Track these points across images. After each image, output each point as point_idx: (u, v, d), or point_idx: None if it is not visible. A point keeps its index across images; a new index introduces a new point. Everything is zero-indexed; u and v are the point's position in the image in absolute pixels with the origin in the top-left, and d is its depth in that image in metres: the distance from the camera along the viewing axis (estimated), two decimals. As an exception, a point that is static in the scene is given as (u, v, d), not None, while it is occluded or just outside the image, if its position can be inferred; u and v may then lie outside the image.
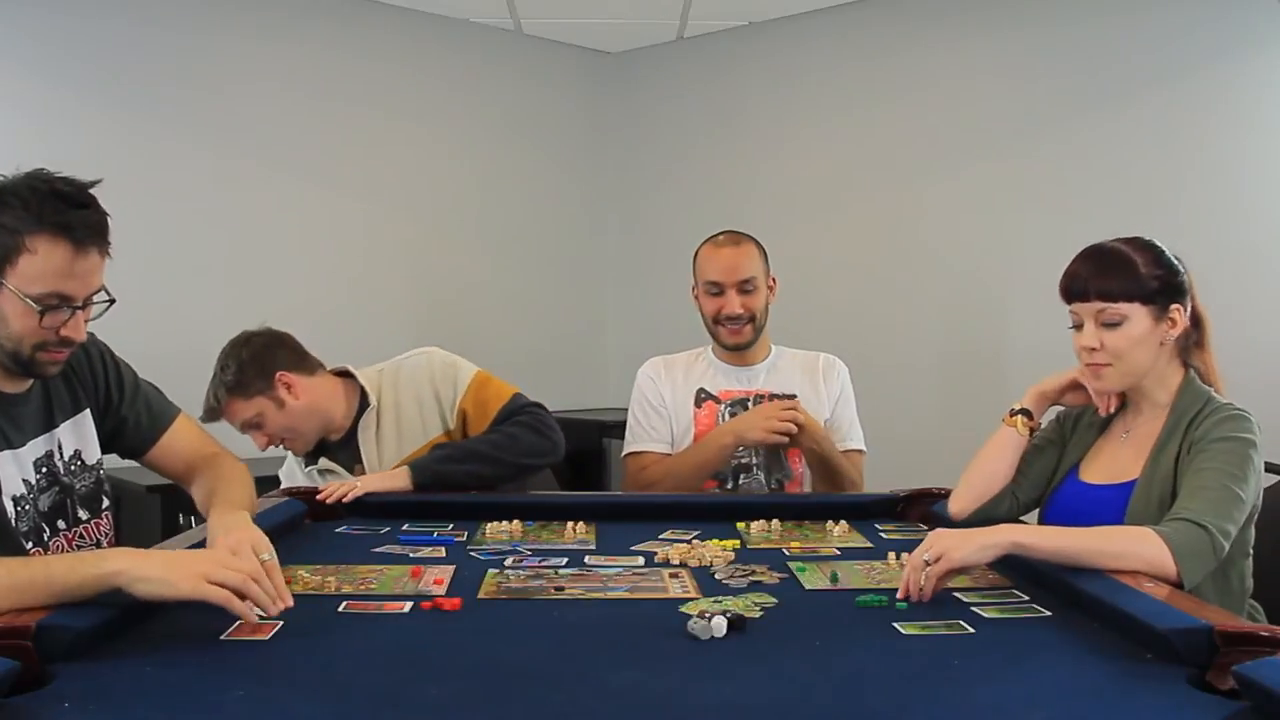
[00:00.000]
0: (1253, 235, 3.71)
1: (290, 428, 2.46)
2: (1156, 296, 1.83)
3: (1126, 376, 1.88)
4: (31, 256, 1.61)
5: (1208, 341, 1.93)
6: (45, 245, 1.61)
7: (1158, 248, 1.88)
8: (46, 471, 1.80)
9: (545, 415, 2.49)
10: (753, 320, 2.63)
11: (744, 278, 2.60)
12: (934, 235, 4.38)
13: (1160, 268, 1.85)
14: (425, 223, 4.68)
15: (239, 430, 2.47)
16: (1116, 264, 1.85)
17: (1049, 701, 1.18)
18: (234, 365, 2.43)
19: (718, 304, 2.62)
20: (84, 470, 1.88)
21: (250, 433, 2.46)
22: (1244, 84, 3.77)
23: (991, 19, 4.24)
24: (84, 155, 3.82)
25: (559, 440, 2.48)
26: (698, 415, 2.66)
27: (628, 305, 5.24)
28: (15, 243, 1.61)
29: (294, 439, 2.49)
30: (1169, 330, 1.85)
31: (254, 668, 1.27)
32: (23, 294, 1.62)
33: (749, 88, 4.85)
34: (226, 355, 2.45)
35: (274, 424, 2.44)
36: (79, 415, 1.88)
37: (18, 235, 1.61)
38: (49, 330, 1.66)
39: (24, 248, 1.61)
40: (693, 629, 1.38)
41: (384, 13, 4.55)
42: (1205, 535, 1.62)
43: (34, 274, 1.62)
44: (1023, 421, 2.02)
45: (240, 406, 2.43)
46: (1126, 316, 1.83)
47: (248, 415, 2.43)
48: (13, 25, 3.76)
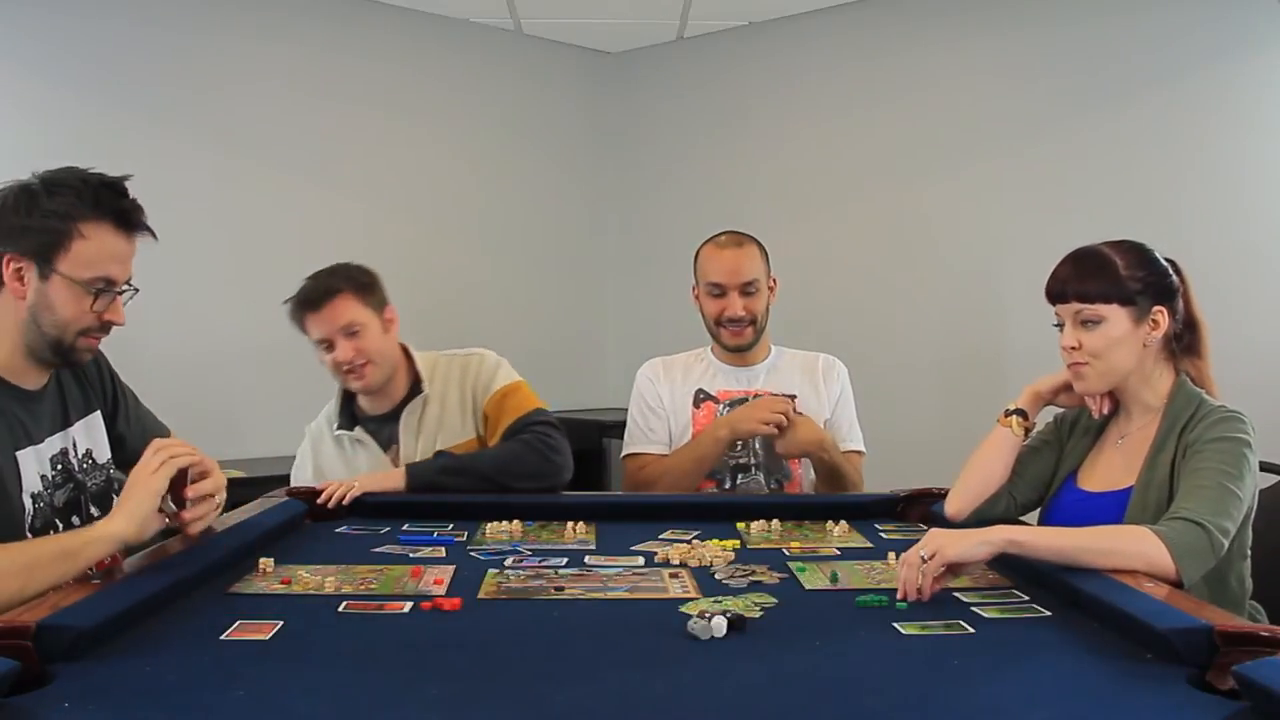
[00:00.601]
0: (1252, 235, 3.71)
1: (381, 352, 2.43)
2: (1137, 298, 1.84)
3: (1106, 376, 1.89)
4: (84, 242, 1.70)
5: (1204, 348, 1.92)
6: (97, 231, 1.71)
7: (1144, 250, 1.89)
8: (61, 468, 1.82)
9: (555, 437, 2.43)
10: (754, 322, 2.63)
11: (746, 280, 2.60)
12: (933, 235, 4.38)
13: (1142, 269, 1.85)
14: (425, 223, 4.68)
15: (325, 333, 2.40)
16: (1096, 266, 1.86)
17: (1049, 701, 1.18)
18: (366, 272, 2.43)
19: (720, 306, 2.62)
20: (95, 469, 1.90)
21: (339, 341, 2.40)
22: (1244, 84, 3.77)
23: (992, 19, 4.24)
24: (84, 155, 3.83)
25: (564, 464, 2.43)
26: (696, 415, 2.66)
27: (628, 305, 5.23)
28: (68, 229, 1.69)
29: (374, 369, 2.43)
30: (1150, 332, 1.85)
31: (254, 668, 1.27)
32: (75, 279, 1.69)
33: (749, 88, 4.85)
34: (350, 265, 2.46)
35: (370, 342, 2.41)
36: (90, 415, 1.91)
37: (70, 222, 1.69)
38: (94, 315, 1.73)
39: (77, 233, 1.69)
40: (693, 629, 1.38)
41: (384, 13, 4.55)
42: (1203, 533, 1.63)
43: (86, 259, 1.70)
44: (1018, 422, 2.02)
45: (355, 307, 2.41)
46: (1104, 317, 1.84)
47: (357, 318, 2.40)
48: (13, 25, 3.76)
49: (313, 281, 2.46)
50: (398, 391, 2.51)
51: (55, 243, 1.69)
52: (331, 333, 2.41)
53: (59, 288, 1.70)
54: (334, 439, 2.53)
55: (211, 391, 4.03)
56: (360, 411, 2.55)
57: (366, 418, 2.54)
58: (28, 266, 1.70)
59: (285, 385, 4.04)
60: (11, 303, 1.71)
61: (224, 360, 4.08)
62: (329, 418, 2.57)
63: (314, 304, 2.41)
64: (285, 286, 4.36)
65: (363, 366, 2.42)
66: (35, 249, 1.69)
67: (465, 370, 2.54)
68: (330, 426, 2.55)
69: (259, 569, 1.73)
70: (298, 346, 2.56)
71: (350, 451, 2.51)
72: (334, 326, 2.40)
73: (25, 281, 1.70)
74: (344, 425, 2.53)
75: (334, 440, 2.53)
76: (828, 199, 4.65)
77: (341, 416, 2.54)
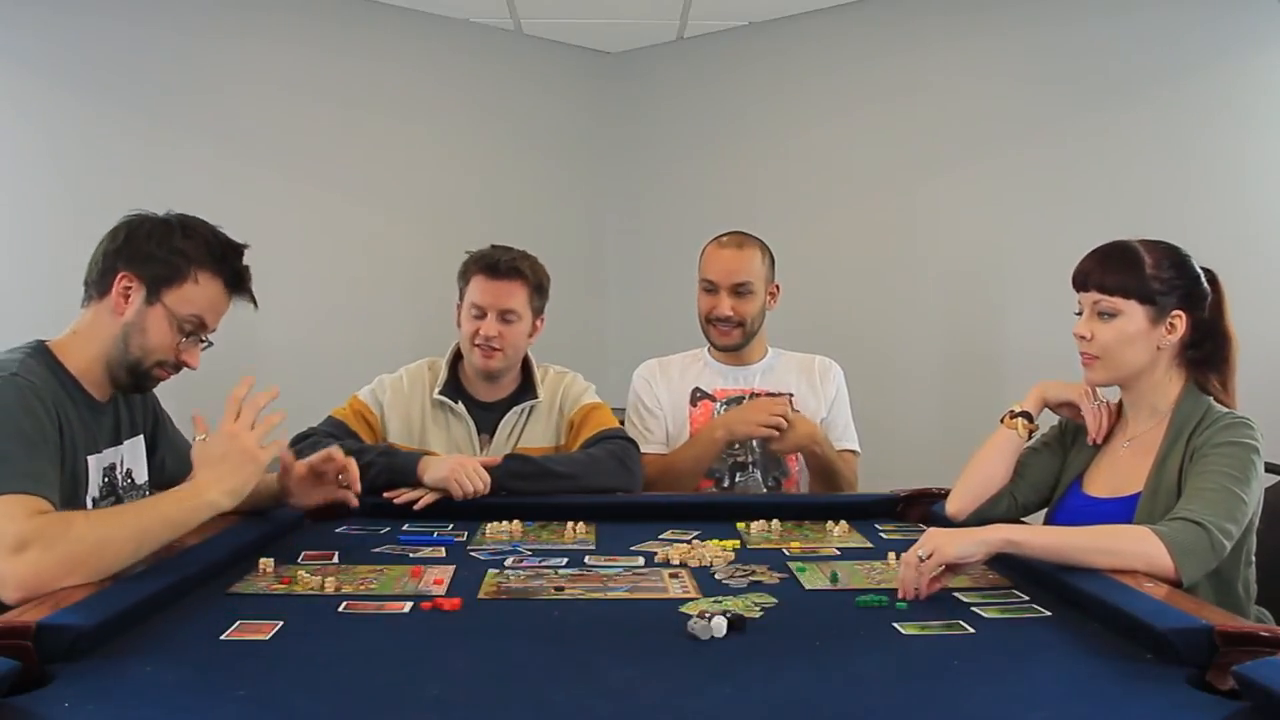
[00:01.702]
0: (1253, 235, 3.71)
1: (516, 348, 2.52)
2: (1157, 298, 1.83)
3: (1113, 372, 1.88)
4: (196, 286, 1.84)
5: (1231, 364, 1.89)
6: (211, 281, 1.86)
7: (1178, 253, 1.87)
8: (108, 482, 1.86)
9: (633, 453, 2.47)
10: (742, 325, 2.62)
11: (739, 281, 2.60)
12: (934, 235, 4.38)
13: (1170, 271, 1.84)
14: (425, 222, 4.68)
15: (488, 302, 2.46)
16: (1122, 259, 1.85)
17: (1049, 701, 1.18)
18: (547, 275, 2.56)
19: (710, 303, 2.64)
20: (133, 488, 1.95)
21: (492, 316, 2.46)
22: (1244, 84, 3.77)
23: (992, 19, 4.24)
24: (85, 155, 3.85)
25: (640, 476, 2.46)
26: (693, 414, 2.66)
27: (627, 305, 5.23)
28: (186, 270, 1.83)
29: (503, 357, 2.49)
30: (1166, 335, 1.84)
31: (254, 668, 1.27)
32: (175, 313, 1.82)
33: (749, 88, 4.85)
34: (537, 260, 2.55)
35: (519, 333, 2.50)
36: (136, 437, 1.98)
37: (191, 264, 1.83)
38: (176, 351, 1.85)
39: (193, 277, 1.83)
40: (693, 629, 1.38)
41: (384, 13, 4.55)
42: (1204, 534, 1.62)
43: (191, 300, 1.84)
44: (1022, 424, 2.02)
45: (525, 298, 2.49)
46: (1121, 311, 1.84)
47: (520, 309, 2.48)
48: (13, 25, 3.76)
49: (504, 253, 2.52)
50: (505, 388, 2.57)
51: (171, 277, 1.82)
52: (493, 306, 2.47)
53: (157, 316, 1.82)
54: (434, 401, 2.54)
55: (211, 391, 4.03)
56: (463, 388, 2.57)
57: (469, 397, 2.56)
58: (137, 288, 1.80)
59: (285, 385, 4.04)
60: (109, 316, 1.81)
61: (224, 360, 4.08)
62: (422, 379, 2.57)
63: (496, 272, 2.49)
64: (285, 287, 4.37)
65: (497, 350, 2.48)
66: (152, 276, 1.81)
67: (558, 383, 2.61)
68: (428, 388, 2.55)
69: (259, 569, 1.73)
70: (298, 347, 2.56)
71: (446, 419, 2.53)
72: (499, 302, 2.48)
73: (130, 300, 1.81)
74: (447, 393, 2.54)
75: (433, 402, 2.53)
76: (827, 198, 4.65)
77: (448, 385, 2.55)
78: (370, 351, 4.14)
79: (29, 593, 1.43)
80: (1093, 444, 1.97)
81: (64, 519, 1.53)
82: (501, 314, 2.47)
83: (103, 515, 1.61)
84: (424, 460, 2.28)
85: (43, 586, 1.44)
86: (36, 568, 1.45)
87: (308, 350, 4.21)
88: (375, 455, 2.31)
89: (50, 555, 1.46)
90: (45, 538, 1.47)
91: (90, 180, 3.78)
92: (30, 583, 1.44)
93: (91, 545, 1.50)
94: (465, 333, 2.51)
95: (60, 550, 1.47)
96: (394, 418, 2.51)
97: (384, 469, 2.28)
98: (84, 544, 1.50)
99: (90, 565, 1.49)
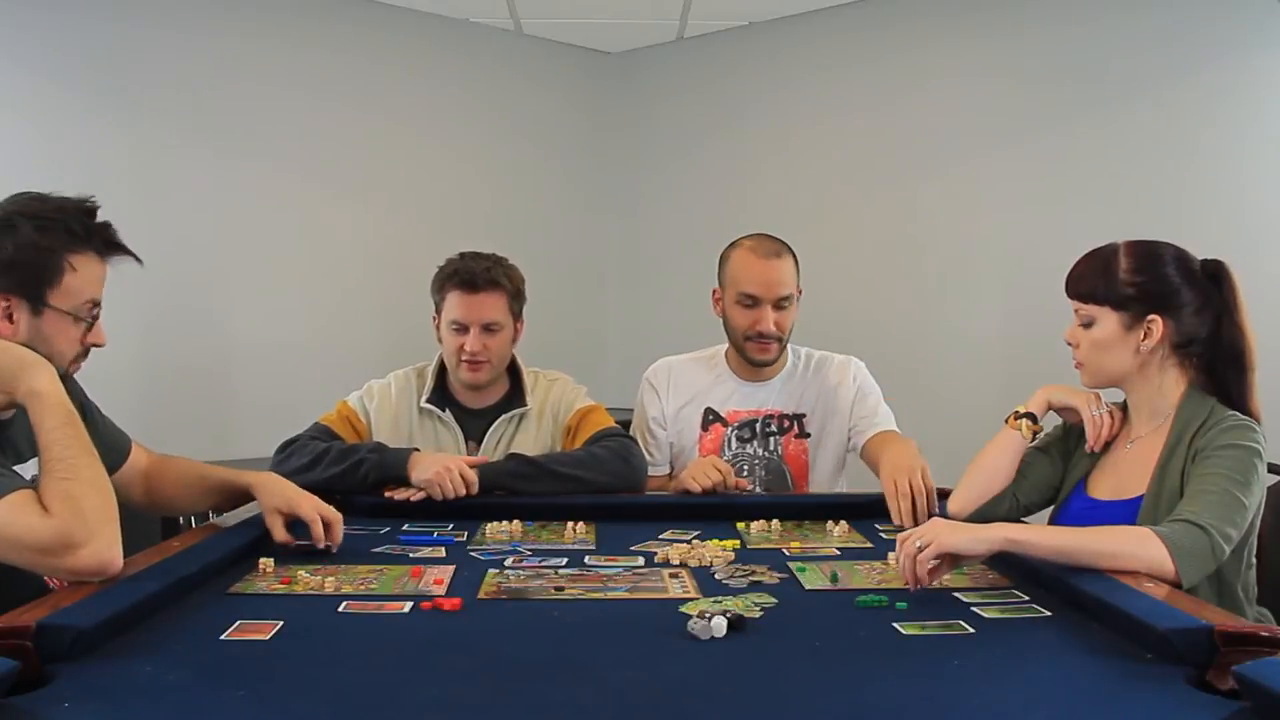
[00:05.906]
0: (1253, 235, 3.71)
1: (502, 357, 2.50)
2: (1129, 304, 1.83)
3: (1097, 376, 1.91)
4: (73, 274, 1.70)
5: (1244, 363, 1.85)
6: (84, 261, 1.71)
7: (1156, 253, 1.86)
8: None
9: (635, 449, 2.46)
10: (780, 339, 2.56)
11: (783, 295, 2.52)
12: (934, 235, 4.38)
13: (1144, 274, 1.83)
14: (425, 222, 4.68)
15: (467, 319, 2.44)
16: (1096, 266, 1.87)
17: (1049, 701, 1.18)
18: (521, 277, 2.52)
19: (752, 318, 2.52)
20: None
21: (475, 331, 2.44)
22: (1244, 84, 3.77)
23: (991, 19, 4.24)
24: (85, 156, 3.85)
25: (643, 472, 2.45)
26: (703, 439, 2.62)
27: (628, 306, 5.23)
28: (57, 263, 1.68)
29: (489, 368, 2.47)
30: (1144, 340, 1.84)
31: (254, 668, 1.27)
32: (67, 310, 1.70)
33: (749, 88, 4.85)
34: (509, 262, 2.53)
35: (502, 341, 2.48)
36: None
37: (59, 254, 1.68)
38: (81, 342, 1.74)
39: (67, 266, 1.69)
40: (693, 629, 1.38)
41: (384, 13, 4.55)
42: (1204, 536, 1.62)
43: (74, 290, 1.71)
44: (1027, 425, 2.02)
45: (504, 307, 2.47)
46: (1095, 319, 1.86)
47: (501, 319, 2.46)
48: (13, 25, 3.76)
49: (475, 264, 2.48)
50: (492, 394, 2.55)
51: (46, 278, 1.68)
52: (475, 320, 2.45)
53: (52, 321, 1.69)
54: (420, 409, 2.53)
55: (211, 391, 4.04)
56: (450, 395, 2.56)
57: (456, 404, 2.55)
58: (17, 304, 1.67)
59: (285, 385, 4.05)
60: None
61: (224, 360, 4.09)
62: (410, 387, 2.55)
63: (475, 286, 2.45)
64: (285, 287, 4.37)
65: (483, 363, 2.46)
66: (24, 284, 1.66)
67: (551, 388, 2.58)
68: (415, 395, 2.54)
69: (259, 569, 1.73)
70: (297, 347, 2.56)
71: (434, 427, 2.52)
72: (481, 316, 2.45)
73: (16, 320, 1.67)
74: (434, 401, 2.53)
75: (419, 410, 2.53)
76: (827, 199, 4.65)
77: (435, 393, 2.54)
78: (369, 349, 4.15)
79: (103, 575, 1.48)
80: (1091, 452, 1.97)
81: (64, 499, 1.48)
82: (484, 327, 2.44)
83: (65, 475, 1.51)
84: (414, 457, 2.29)
85: (107, 566, 1.48)
86: (95, 551, 1.47)
87: (308, 350, 4.21)
88: (366, 453, 2.31)
89: (87, 532, 1.46)
90: (68, 525, 1.45)
91: (90, 180, 3.76)
92: (94, 569, 1.47)
93: (95, 499, 1.50)
94: (449, 348, 2.48)
95: (91, 523, 1.47)
96: (382, 425, 2.50)
97: (375, 465, 2.29)
98: (92, 502, 1.49)
99: (111, 509, 1.51)
